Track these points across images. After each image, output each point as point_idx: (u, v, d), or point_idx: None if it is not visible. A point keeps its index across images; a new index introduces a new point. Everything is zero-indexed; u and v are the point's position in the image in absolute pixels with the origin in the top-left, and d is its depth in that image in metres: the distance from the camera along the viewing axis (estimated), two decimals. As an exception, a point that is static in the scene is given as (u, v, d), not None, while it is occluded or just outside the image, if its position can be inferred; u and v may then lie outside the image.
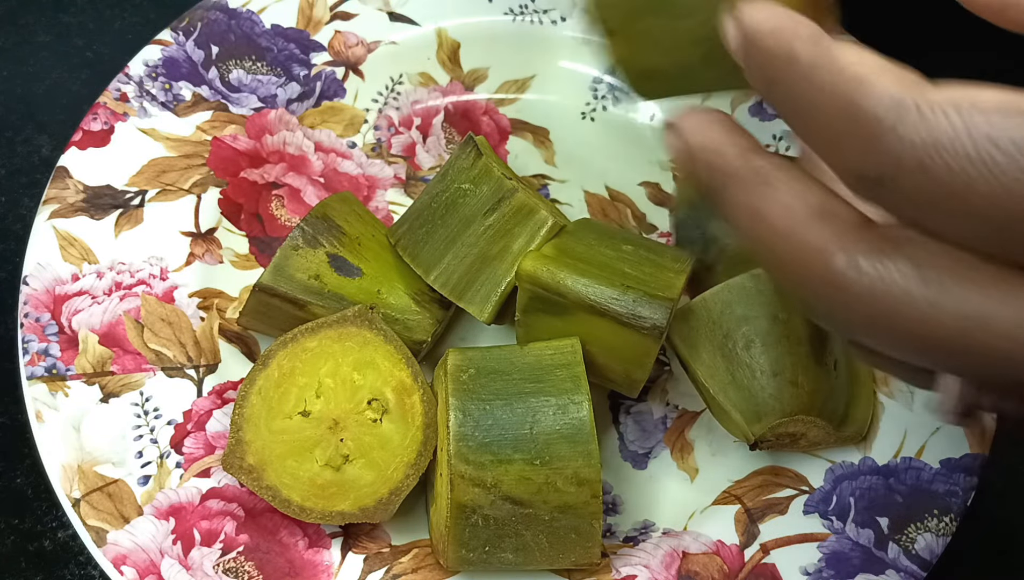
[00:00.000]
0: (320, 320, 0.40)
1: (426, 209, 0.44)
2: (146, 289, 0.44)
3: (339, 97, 0.50)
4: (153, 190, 0.46)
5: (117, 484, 0.39)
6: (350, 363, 0.40)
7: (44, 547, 0.42)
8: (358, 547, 0.40)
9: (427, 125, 0.51)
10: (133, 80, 0.48)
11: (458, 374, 0.39)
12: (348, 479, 0.39)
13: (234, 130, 0.48)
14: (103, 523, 0.38)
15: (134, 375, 0.42)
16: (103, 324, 0.42)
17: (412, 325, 0.43)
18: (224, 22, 0.50)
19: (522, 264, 0.40)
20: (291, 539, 0.39)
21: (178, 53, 0.49)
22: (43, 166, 0.50)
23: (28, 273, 0.43)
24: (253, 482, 0.38)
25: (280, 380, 0.39)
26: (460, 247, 0.42)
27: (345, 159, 0.49)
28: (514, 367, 0.39)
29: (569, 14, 0.52)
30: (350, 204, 0.45)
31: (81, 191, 0.45)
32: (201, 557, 0.38)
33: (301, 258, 0.42)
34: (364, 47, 0.51)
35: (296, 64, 0.50)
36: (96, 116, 0.47)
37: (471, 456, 0.37)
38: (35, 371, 0.41)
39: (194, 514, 0.39)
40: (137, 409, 0.41)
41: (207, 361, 0.43)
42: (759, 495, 0.42)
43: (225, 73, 0.49)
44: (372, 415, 0.39)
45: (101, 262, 0.44)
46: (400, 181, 0.49)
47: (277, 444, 0.39)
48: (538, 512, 0.37)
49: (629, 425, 0.45)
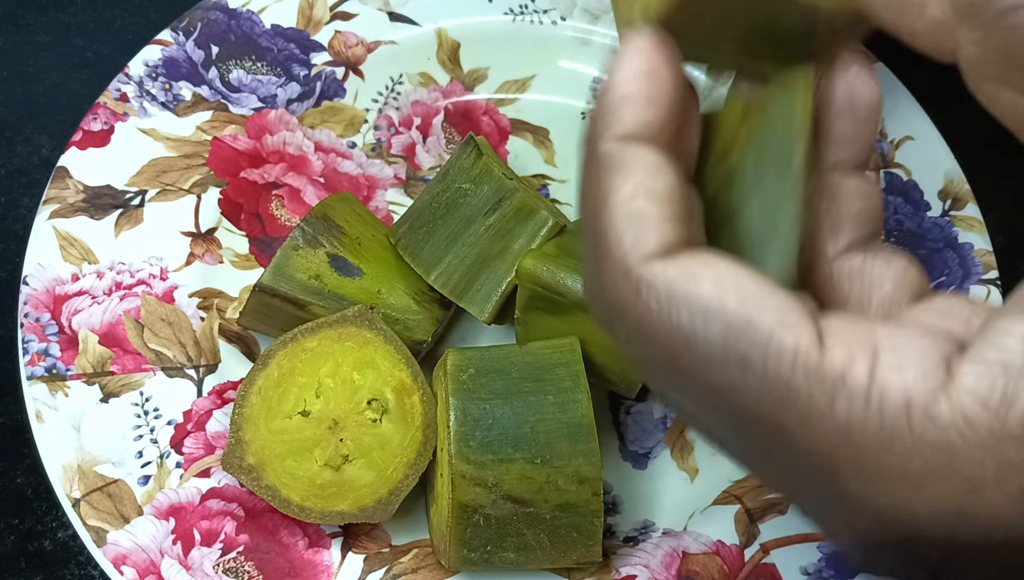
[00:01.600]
0: (320, 320, 0.40)
1: (426, 209, 0.44)
2: (146, 289, 0.44)
3: (339, 97, 0.50)
4: (153, 190, 0.46)
5: (117, 484, 0.39)
6: (350, 363, 0.40)
7: (44, 547, 0.42)
8: (358, 547, 0.40)
9: (427, 125, 0.51)
10: (133, 80, 0.48)
11: (458, 374, 0.39)
12: (348, 479, 0.39)
13: (234, 130, 0.48)
14: (103, 523, 0.38)
15: (134, 375, 0.42)
16: (103, 324, 0.42)
17: (412, 325, 0.43)
18: (224, 22, 0.50)
19: (522, 263, 0.40)
20: (291, 539, 0.39)
21: (178, 53, 0.49)
22: (43, 166, 0.49)
23: (28, 273, 0.43)
24: (253, 482, 0.38)
25: (280, 380, 0.39)
26: (460, 247, 0.42)
27: (345, 159, 0.49)
28: (514, 366, 0.39)
29: (569, 14, 0.52)
30: (350, 204, 0.45)
31: (81, 191, 0.45)
32: (201, 557, 0.38)
33: (301, 258, 0.42)
34: (364, 47, 0.51)
35: (296, 64, 0.50)
36: (96, 116, 0.47)
37: (472, 456, 0.37)
38: (35, 371, 0.41)
39: (194, 514, 0.39)
40: (137, 409, 0.41)
41: (207, 361, 0.43)
42: (759, 495, 0.42)
43: (225, 73, 0.49)
44: (372, 415, 0.39)
45: (101, 262, 0.44)
46: (400, 181, 0.49)
47: (277, 444, 0.39)
48: (539, 511, 0.37)
49: (629, 425, 0.45)
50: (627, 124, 0.24)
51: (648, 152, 0.24)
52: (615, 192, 0.23)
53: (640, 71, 0.25)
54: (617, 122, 0.24)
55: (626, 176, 0.24)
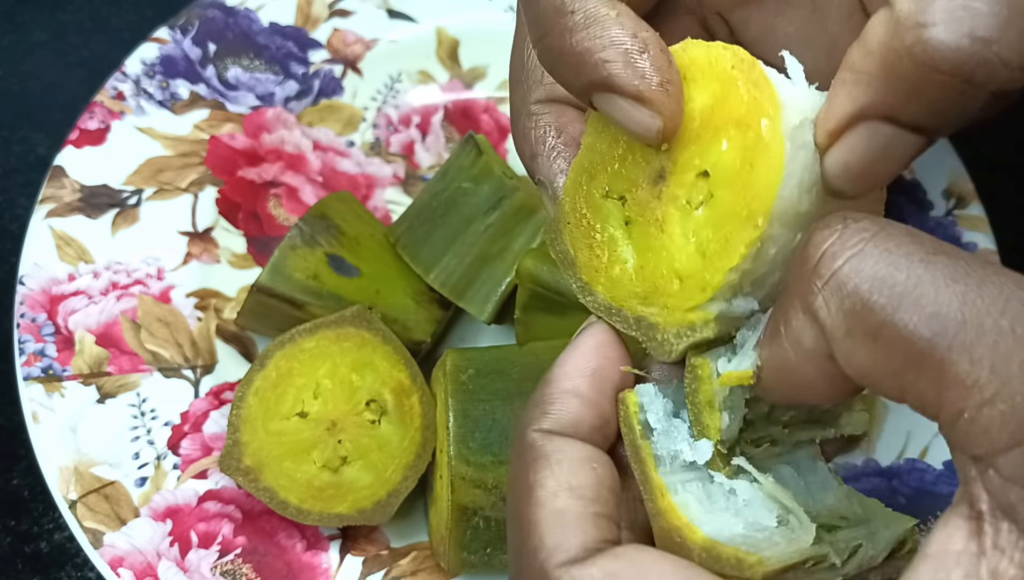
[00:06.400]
0: (318, 320, 0.40)
1: (426, 208, 0.43)
2: (143, 289, 0.43)
3: (337, 95, 0.50)
4: (150, 189, 0.45)
5: (114, 486, 0.39)
6: (348, 364, 0.39)
7: (41, 549, 0.42)
8: (356, 549, 0.40)
9: (426, 123, 0.51)
10: (130, 78, 0.47)
11: (457, 374, 0.38)
12: (346, 481, 0.38)
13: (232, 128, 0.48)
14: (100, 525, 0.38)
15: (131, 376, 0.41)
16: (99, 324, 0.42)
17: (411, 325, 0.43)
18: (222, 20, 0.49)
19: (522, 262, 0.39)
20: (289, 541, 0.39)
21: (175, 51, 0.48)
22: (39, 165, 0.49)
23: (24, 273, 0.42)
24: (250, 483, 0.38)
25: (278, 381, 0.39)
26: (460, 246, 0.42)
27: (343, 157, 0.49)
28: (513, 367, 0.39)
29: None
30: (348, 203, 0.44)
31: (77, 190, 0.45)
32: (198, 559, 0.38)
33: (299, 258, 0.42)
34: (363, 45, 0.51)
35: (294, 62, 0.50)
36: (92, 115, 0.46)
37: (471, 458, 0.37)
38: (31, 372, 0.40)
39: (191, 516, 0.39)
40: (134, 410, 0.41)
41: (204, 361, 0.43)
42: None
43: (222, 71, 0.49)
44: (370, 416, 0.39)
45: (97, 262, 0.43)
46: (399, 180, 0.49)
47: (274, 445, 0.38)
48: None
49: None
50: (560, 419, 0.25)
51: (575, 446, 0.24)
52: (539, 487, 0.24)
53: (586, 369, 0.25)
54: (549, 415, 0.25)
55: (551, 470, 0.24)
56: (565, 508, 0.23)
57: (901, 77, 0.21)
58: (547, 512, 0.23)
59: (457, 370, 0.38)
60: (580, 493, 0.23)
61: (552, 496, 0.23)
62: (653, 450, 0.25)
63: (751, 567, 0.22)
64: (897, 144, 0.22)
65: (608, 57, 0.23)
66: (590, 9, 0.24)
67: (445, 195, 0.43)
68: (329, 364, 0.39)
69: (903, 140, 0.22)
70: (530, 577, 0.23)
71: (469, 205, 0.42)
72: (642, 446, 0.25)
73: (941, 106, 0.21)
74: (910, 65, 0.21)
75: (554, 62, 0.25)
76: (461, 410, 0.37)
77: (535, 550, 0.23)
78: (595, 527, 0.23)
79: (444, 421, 0.38)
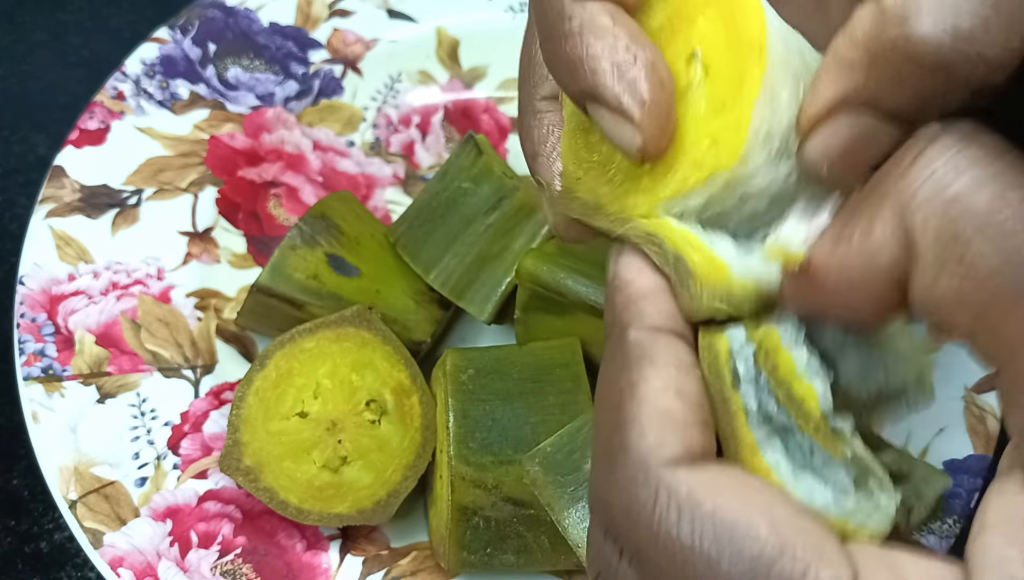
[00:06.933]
0: (318, 320, 0.40)
1: (426, 208, 0.43)
2: (143, 289, 0.43)
3: (337, 95, 0.50)
4: (150, 189, 0.45)
5: (114, 486, 0.39)
6: (348, 364, 0.39)
7: (41, 549, 0.42)
8: (357, 549, 0.40)
9: (426, 123, 0.51)
10: (130, 78, 0.47)
11: (457, 375, 0.38)
12: (346, 481, 0.38)
13: (232, 128, 0.48)
14: (100, 525, 0.38)
15: (131, 376, 0.41)
16: (99, 324, 0.42)
17: (411, 325, 0.43)
18: (221, 19, 0.49)
19: (523, 262, 0.39)
20: (289, 541, 0.39)
21: (175, 51, 0.48)
22: (39, 165, 0.49)
23: (24, 273, 0.42)
24: (250, 483, 0.38)
25: (278, 381, 0.39)
26: (460, 246, 0.42)
27: (343, 157, 0.49)
28: (514, 367, 0.39)
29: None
30: (348, 203, 0.44)
31: (77, 190, 0.45)
32: (199, 559, 0.38)
33: (299, 258, 0.42)
34: (363, 44, 0.51)
35: (294, 62, 0.50)
36: (92, 114, 0.46)
37: (471, 458, 0.37)
38: (31, 372, 0.40)
39: (191, 516, 0.39)
40: (134, 410, 0.41)
41: (204, 362, 0.43)
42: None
43: (223, 71, 0.49)
44: (370, 416, 0.39)
45: (97, 262, 0.43)
46: (399, 180, 0.49)
47: (274, 445, 0.38)
48: (540, 513, 0.37)
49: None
50: (658, 315, 0.23)
51: (681, 347, 0.23)
52: (644, 383, 0.22)
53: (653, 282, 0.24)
54: (647, 313, 0.23)
55: (659, 369, 0.22)
56: (671, 408, 0.22)
57: (884, 67, 0.21)
58: (651, 410, 0.22)
59: (457, 370, 0.38)
60: (688, 398, 0.22)
61: (659, 394, 0.22)
62: (744, 403, 0.23)
63: (846, 537, 0.21)
64: (878, 132, 0.22)
65: (596, 68, 0.23)
66: (587, 17, 0.24)
67: (445, 195, 0.43)
68: (329, 364, 0.39)
69: (884, 129, 0.22)
70: (625, 470, 0.21)
71: (469, 205, 0.42)
72: (732, 398, 0.23)
73: (923, 97, 0.21)
74: (893, 56, 0.21)
75: (552, 65, 0.25)
76: (461, 410, 0.37)
77: (635, 443, 0.21)
78: (701, 434, 0.22)
79: (444, 421, 0.38)
